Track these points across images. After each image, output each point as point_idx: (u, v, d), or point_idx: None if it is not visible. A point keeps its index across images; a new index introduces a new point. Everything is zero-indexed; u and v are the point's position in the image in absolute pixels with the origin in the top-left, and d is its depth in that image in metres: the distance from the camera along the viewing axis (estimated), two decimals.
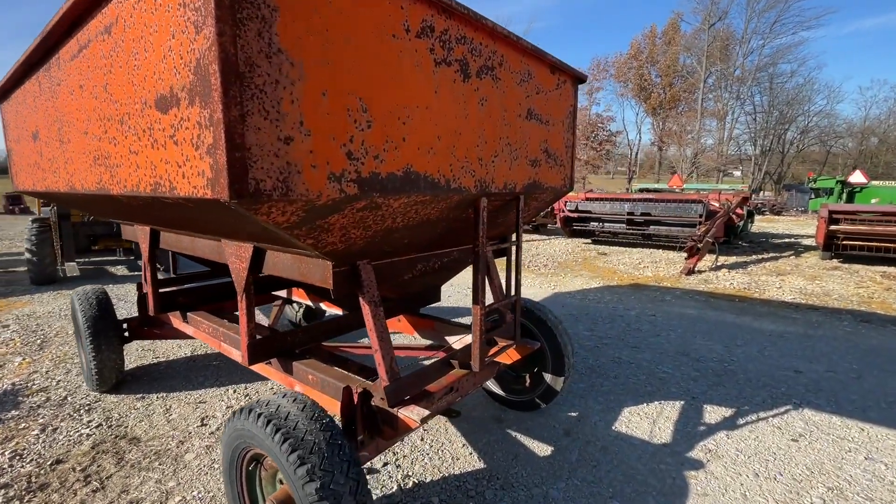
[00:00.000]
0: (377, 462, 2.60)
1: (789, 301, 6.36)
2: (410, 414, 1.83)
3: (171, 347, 4.37)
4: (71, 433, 2.89)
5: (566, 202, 11.89)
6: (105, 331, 3.25)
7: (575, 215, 11.66)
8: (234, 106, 1.03)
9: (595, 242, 12.30)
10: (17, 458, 2.63)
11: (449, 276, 3.23)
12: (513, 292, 2.93)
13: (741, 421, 3.08)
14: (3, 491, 2.35)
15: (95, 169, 1.75)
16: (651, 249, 11.01)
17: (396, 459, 2.63)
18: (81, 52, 1.68)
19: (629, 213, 10.80)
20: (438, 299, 3.39)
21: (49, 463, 2.58)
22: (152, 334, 3.59)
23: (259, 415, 1.61)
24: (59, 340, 4.60)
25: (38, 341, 4.57)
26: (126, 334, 3.52)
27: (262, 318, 5.15)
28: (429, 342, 3.22)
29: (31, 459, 2.61)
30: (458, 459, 2.65)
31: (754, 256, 9.94)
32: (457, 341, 2.91)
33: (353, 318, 2.88)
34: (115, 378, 3.39)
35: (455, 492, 2.37)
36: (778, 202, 27.24)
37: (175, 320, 3.34)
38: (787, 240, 12.99)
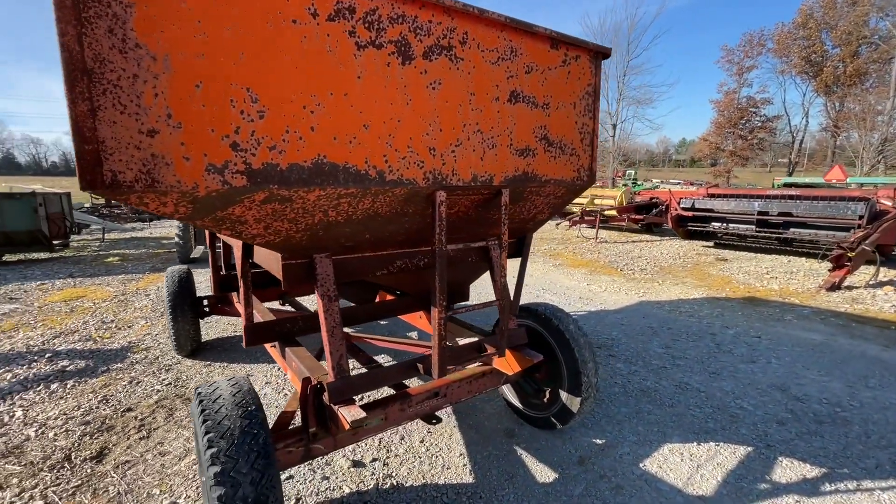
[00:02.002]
0: (367, 456, 2.59)
1: None
2: (347, 413, 1.77)
3: None
4: (147, 387, 3.47)
5: (680, 199, 10.45)
6: (181, 305, 3.82)
7: (689, 214, 10.17)
8: (81, 101, 1.09)
9: (717, 246, 10.59)
10: (104, 402, 3.24)
11: (473, 274, 3.07)
12: (518, 296, 2.67)
13: (828, 486, 2.34)
14: (83, 426, 2.92)
15: None
16: (789, 257, 9.07)
17: (387, 457, 2.60)
18: None
19: (760, 213, 9.03)
20: (466, 298, 3.24)
21: (122, 409, 3.14)
22: (224, 311, 4.11)
23: (198, 394, 1.72)
24: None
25: (162, 309, 5.59)
26: (206, 309, 4.10)
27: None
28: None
29: (112, 405, 3.21)
30: (448, 469, 2.51)
31: None
32: (464, 343, 2.74)
33: (362, 310, 2.91)
34: (190, 346, 3.97)
35: (429, 503, 2.25)
36: None
37: (235, 300, 3.78)
38: None
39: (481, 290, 6.22)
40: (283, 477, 2.40)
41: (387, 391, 3.25)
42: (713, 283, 7.09)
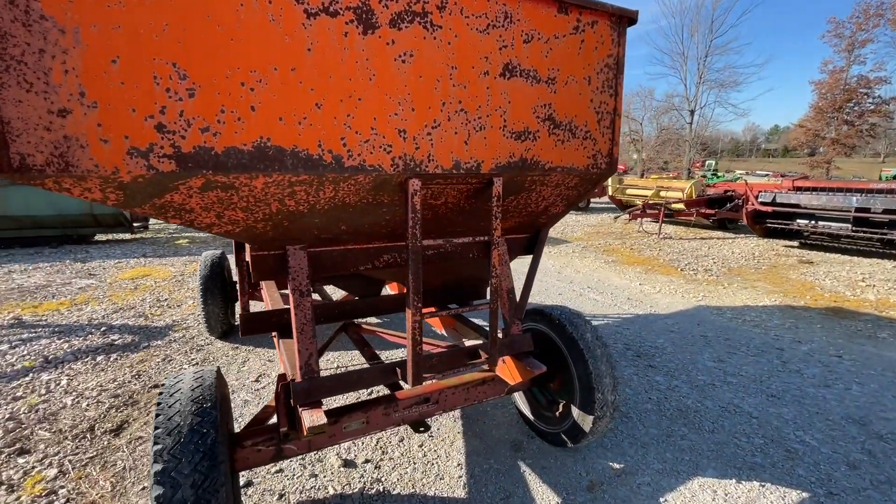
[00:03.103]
0: (360, 456, 2.49)
1: None
2: (308, 417, 1.65)
3: None
4: (176, 365, 3.64)
5: (758, 193, 9.29)
6: (211, 288, 3.96)
7: (769, 209, 9.01)
8: None
9: (803, 246, 9.32)
10: (136, 377, 3.44)
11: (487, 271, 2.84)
12: (525, 298, 2.41)
13: None
14: (113, 399, 3.11)
15: None
16: (895, 262, 7.74)
17: (380, 459, 2.48)
18: None
19: (859, 209, 7.77)
20: (483, 296, 3.02)
21: (149, 386, 3.30)
22: (254, 296, 4.21)
23: (162, 386, 1.68)
24: None
25: None
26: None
27: None
28: (450, 343, 2.92)
29: (143, 380, 3.39)
30: (441, 480, 2.33)
31: None
32: (457, 348, 2.54)
33: (361, 304, 2.79)
34: (220, 328, 4.12)
35: None
36: None
37: (263, 285, 3.85)
38: None
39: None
40: (272, 470, 2.36)
41: (383, 390, 3.13)
42: (790, 289, 6.20)
